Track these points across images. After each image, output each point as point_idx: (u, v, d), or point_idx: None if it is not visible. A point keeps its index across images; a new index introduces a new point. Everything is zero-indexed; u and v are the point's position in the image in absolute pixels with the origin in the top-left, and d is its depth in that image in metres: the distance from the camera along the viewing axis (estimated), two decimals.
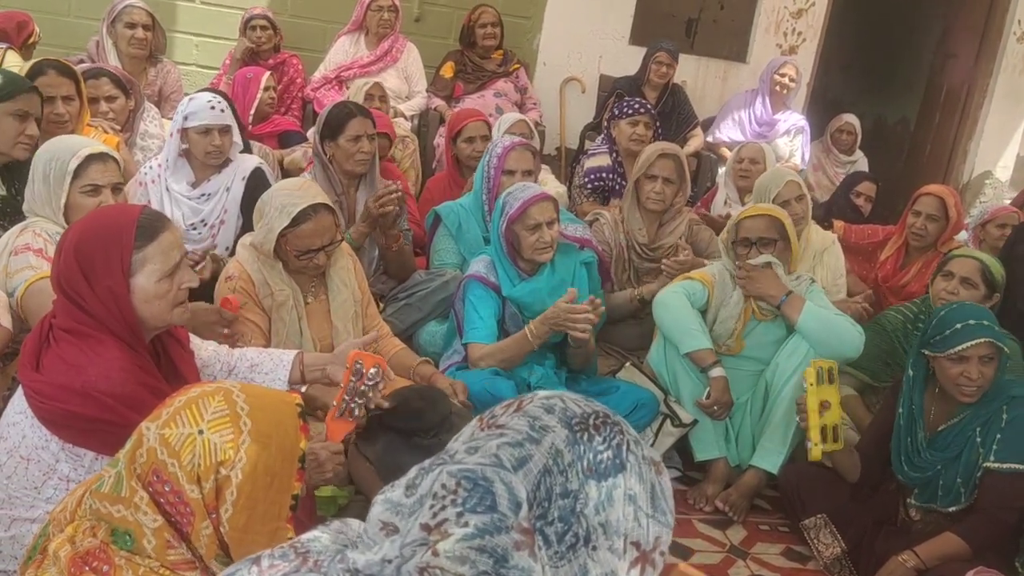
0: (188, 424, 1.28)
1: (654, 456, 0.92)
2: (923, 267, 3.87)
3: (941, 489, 2.53)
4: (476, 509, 0.81)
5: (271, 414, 1.33)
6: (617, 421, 0.92)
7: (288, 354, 2.28)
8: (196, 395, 1.31)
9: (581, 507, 0.84)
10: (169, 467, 1.26)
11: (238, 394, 1.32)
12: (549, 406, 0.91)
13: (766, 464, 2.95)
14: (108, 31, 4.44)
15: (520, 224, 2.91)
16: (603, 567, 0.83)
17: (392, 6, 5.27)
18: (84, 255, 1.78)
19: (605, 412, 0.92)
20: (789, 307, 2.95)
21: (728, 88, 6.08)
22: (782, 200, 3.55)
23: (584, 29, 5.88)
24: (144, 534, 1.26)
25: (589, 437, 0.88)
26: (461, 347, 3.02)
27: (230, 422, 1.29)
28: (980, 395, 2.48)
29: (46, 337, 1.77)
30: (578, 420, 0.90)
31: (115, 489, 1.29)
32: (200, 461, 1.27)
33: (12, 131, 2.65)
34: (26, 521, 1.73)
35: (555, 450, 0.86)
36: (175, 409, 1.30)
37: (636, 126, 4.34)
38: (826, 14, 6.14)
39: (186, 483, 1.26)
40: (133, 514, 1.26)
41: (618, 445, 0.88)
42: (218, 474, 1.27)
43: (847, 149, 5.84)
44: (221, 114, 3.15)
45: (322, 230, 2.59)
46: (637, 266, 3.73)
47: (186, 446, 1.27)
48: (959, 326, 2.44)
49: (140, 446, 1.29)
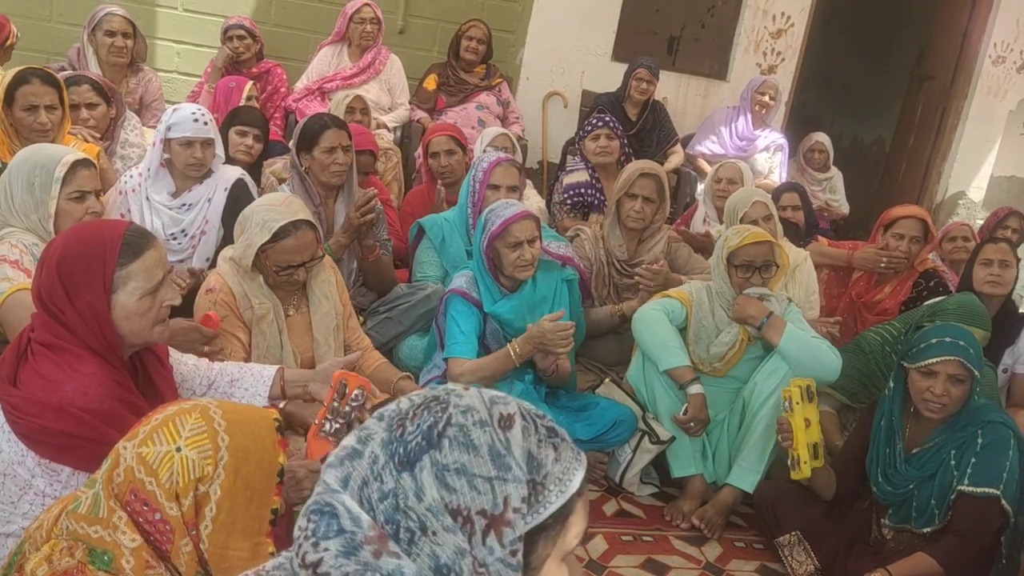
0: (165, 442, 1.28)
1: (501, 412, 0.89)
2: (899, 284, 3.91)
3: (915, 510, 2.56)
4: (327, 535, 0.84)
5: (249, 429, 1.33)
6: (444, 401, 0.90)
7: (269, 369, 2.28)
8: (173, 413, 1.31)
9: (403, 502, 0.84)
10: (147, 485, 1.26)
11: (215, 410, 1.32)
12: (382, 413, 0.91)
13: (742, 483, 2.98)
14: (89, 38, 4.41)
15: (501, 241, 2.93)
16: (449, 548, 0.82)
17: (374, 18, 5.27)
18: (66, 270, 1.77)
19: (435, 397, 0.91)
20: (770, 329, 2.97)
21: (709, 105, 6.14)
22: (750, 220, 3.60)
23: (567, 44, 5.92)
24: (123, 554, 1.25)
25: (402, 432, 0.87)
26: (441, 362, 3.02)
27: (208, 438, 1.29)
28: (945, 413, 2.51)
29: (24, 351, 1.76)
30: (399, 417, 0.89)
31: (92, 511, 1.28)
32: (178, 478, 1.26)
33: None
34: (2, 536, 1.71)
35: (373, 457, 0.87)
36: (152, 427, 1.30)
37: (597, 140, 4.43)
38: (805, 34, 6.22)
39: (165, 500, 1.26)
40: (111, 534, 1.26)
41: (431, 425, 0.87)
42: (197, 491, 1.27)
43: (820, 167, 5.92)
44: (204, 127, 3.14)
45: (302, 246, 2.59)
46: (617, 282, 3.75)
47: (164, 464, 1.26)
48: (934, 341, 2.49)
49: (117, 466, 1.29)
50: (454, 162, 4.06)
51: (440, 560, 0.82)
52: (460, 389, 0.92)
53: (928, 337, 2.51)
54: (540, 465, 0.88)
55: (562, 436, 0.92)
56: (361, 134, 3.95)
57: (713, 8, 6.06)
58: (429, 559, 0.83)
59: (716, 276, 3.14)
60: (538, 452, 0.89)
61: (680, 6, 6.01)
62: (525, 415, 0.91)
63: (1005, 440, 2.48)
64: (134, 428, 1.33)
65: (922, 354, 2.49)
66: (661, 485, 3.16)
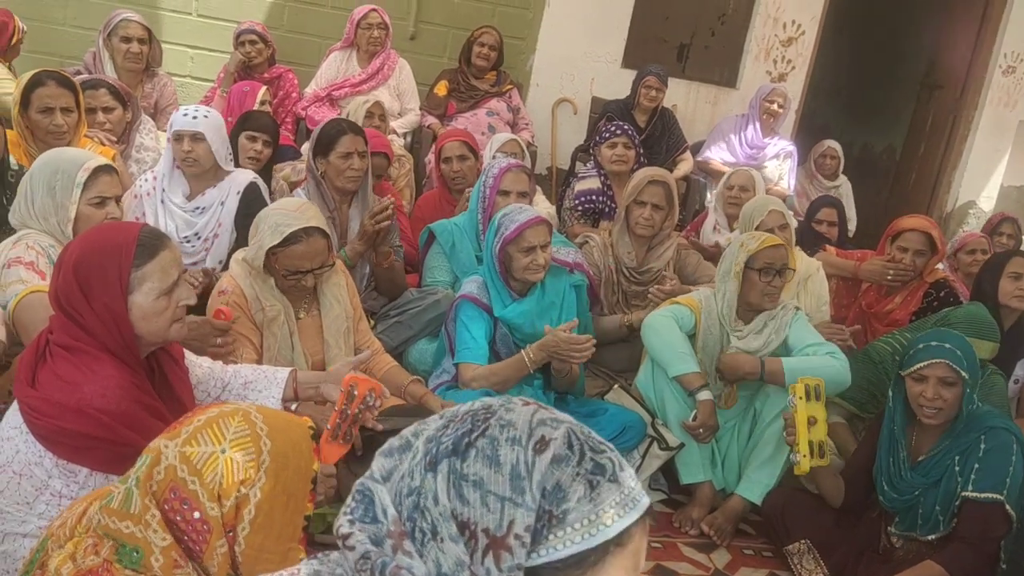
0: (211, 443, 1.29)
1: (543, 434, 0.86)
2: (909, 295, 3.90)
3: (921, 517, 2.56)
4: (364, 519, 0.87)
5: (288, 435, 1.34)
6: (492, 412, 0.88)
7: (282, 372, 2.29)
8: (215, 415, 1.33)
9: (423, 501, 0.84)
10: (189, 484, 1.27)
11: (256, 415, 1.33)
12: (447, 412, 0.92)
13: (751, 495, 2.97)
14: (104, 43, 4.44)
15: (514, 246, 2.94)
16: (451, 558, 0.82)
17: (382, 23, 5.29)
18: (83, 272, 1.79)
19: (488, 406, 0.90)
20: (770, 375, 2.96)
21: (718, 113, 6.15)
22: (766, 228, 3.59)
23: (577, 51, 5.94)
24: (152, 552, 1.26)
25: (443, 433, 0.87)
26: (451, 367, 3.03)
27: (252, 442, 1.30)
28: (942, 418, 2.52)
29: (42, 353, 1.78)
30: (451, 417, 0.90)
31: (124, 505, 1.29)
32: (222, 479, 1.28)
33: None
34: (18, 536, 1.73)
35: (415, 451, 0.88)
36: (195, 428, 1.31)
37: (615, 148, 4.42)
38: (815, 42, 6.23)
39: (207, 500, 1.27)
40: (142, 531, 1.27)
41: (465, 432, 0.86)
42: (239, 492, 1.28)
43: (830, 174, 5.92)
44: (192, 121, 3.16)
45: (312, 253, 2.60)
46: (625, 289, 3.76)
47: (208, 464, 1.28)
48: (921, 346, 2.52)
49: (158, 464, 1.30)
50: (466, 168, 4.08)
51: (442, 568, 0.82)
52: (519, 404, 0.90)
53: (917, 344, 2.55)
54: (563, 498, 0.83)
55: (612, 477, 0.86)
56: (376, 136, 3.97)
57: (724, 16, 6.07)
58: (434, 564, 0.83)
59: (723, 286, 3.10)
60: (568, 484, 0.84)
61: (690, 14, 6.02)
62: (573, 444, 0.86)
63: (1008, 445, 2.49)
64: (175, 428, 1.34)
65: (911, 360, 2.54)
66: (670, 492, 3.16)
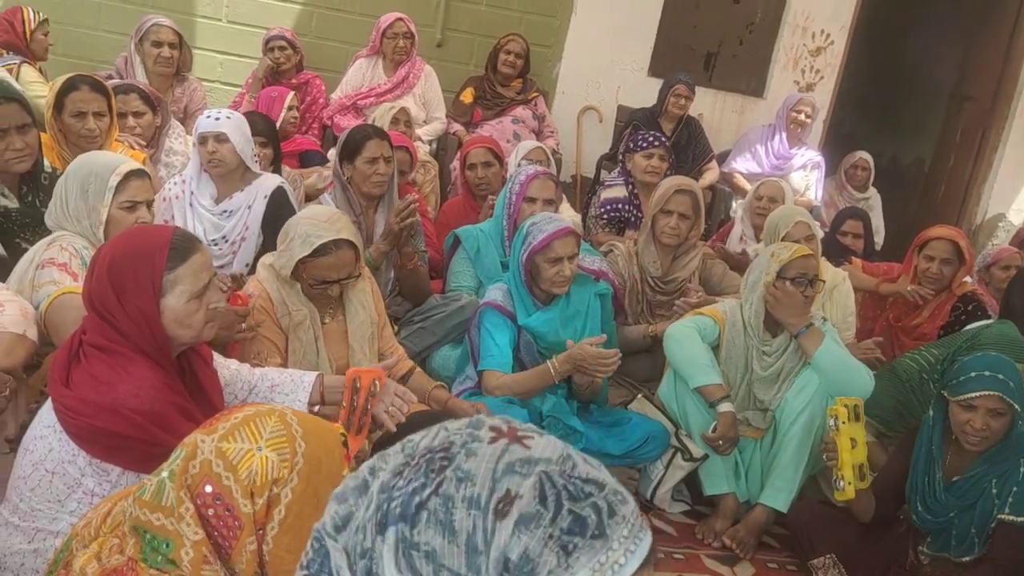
0: (247, 440, 1.30)
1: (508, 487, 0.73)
2: (937, 308, 3.86)
3: (955, 538, 2.52)
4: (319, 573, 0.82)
5: (322, 439, 1.35)
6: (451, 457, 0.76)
7: (309, 375, 2.30)
8: (252, 414, 1.34)
9: (375, 567, 0.75)
10: (224, 480, 1.28)
11: (291, 417, 1.34)
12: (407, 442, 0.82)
13: (775, 502, 2.95)
14: (136, 48, 4.50)
15: (542, 256, 2.94)
16: None
17: (407, 32, 5.31)
18: (116, 274, 1.81)
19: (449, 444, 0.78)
20: (807, 339, 2.95)
21: (745, 122, 6.13)
22: (791, 239, 3.57)
23: (604, 59, 5.94)
24: (183, 545, 1.27)
25: (395, 482, 0.78)
26: (474, 373, 3.03)
27: (287, 442, 1.31)
28: (985, 446, 2.48)
29: (76, 353, 1.80)
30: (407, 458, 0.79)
31: (156, 497, 1.30)
32: (257, 477, 1.29)
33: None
34: (49, 534, 1.75)
35: (370, 499, 0.79)
36: (233, 425, 1.32)
37: (651, 158, 4.38)
38: (844, 52, 6.19)
39: (240, 497, 1.28)
40: (174, 524, 1.28)
41: (416, 490, 0.75)
42: (271, 491, 1.29)
43: (861, 186, 5.87)
44: (216, 122, 3.20)
45: (340, 265, 2.62)
46: (650, 299, 3.75)
47: (244, 461, 1.29)
48: (973, 374, 2.45)
49: (194, 457, 1.31)
50: (491, 174, 4.09)
51: None
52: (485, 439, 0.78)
53: (968, 370, 2.48)
54: (531, 571, 0.70)
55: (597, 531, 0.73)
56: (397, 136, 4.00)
57: (752, 25, 6.05)
58: None
59: (751, 296, 3.06)
60: (537, 552, 0.71)
61: (718, 23, 6.01)
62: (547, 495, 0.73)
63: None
64: (212, 424, 1.35)
65: (962, 387, 2.46)
66: (693, 503, 3.14)
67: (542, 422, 2.95)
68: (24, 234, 2.70)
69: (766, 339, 3.06)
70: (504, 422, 0.82)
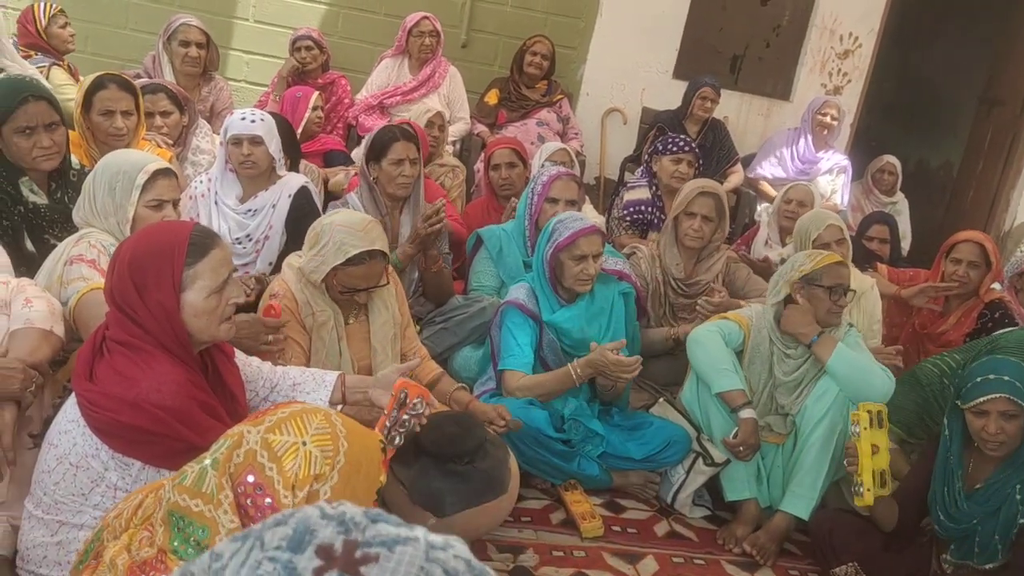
0: (293, 433, 1.32)
1: None
2: (963, 315, 3.81)
3: (978, 545, 2.49)
4: None
5: (364, 443, 1.36)
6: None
7: (331, 375, 2.31)
8: (299, 410, 1.36)
9: None
10: (267, 471, 1.30)
11: (336, 417, 1.36)
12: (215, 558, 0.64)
13: (796, 510, 2.92)
14: (164, 47, 4.54)
15: (567, 253, 2.94)
16: None
17: (433, 31, 5.33)
18: (137, 270, 1.83)
19: None
20: (820, 347, 2.92)
21: (771, 125, 6.09)
22: (822, 243, 3.54)
23: (628, 61, 5.93)
24: (219, 532, 1.29)
25: None
26: (495, 374, 3.03)
27: (331, 440, 1.33)
28: (1006, 450, 2.45)
29: (99, 348, 1.82)
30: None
31: (197, 484, 1.32)
32: (300, 470, 1.30)
33: (23, 148, 2.63)
34: (73, 527, 1.76)
35: None
36: (279, 418, 1.34)
37: (679, 163, 4.34)
38: (872, 56, 6.13)
39: (281, 488, 1.29)
40: (212, 511, 1.29)
41: None
42: (311, 487, 1.30)
43: (888, 190, 5.81)
44: (251, 124, 3.21)
45: (372, 275, 2.65)
46: (672, 301, 3.73)
47: (289, 453, 1.30)
48: (979, 379, 2.44)
49: (239, 447, 1.32)
50: (515, 175, 4.09)
51: None
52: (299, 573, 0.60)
53: (974, 375, 2.47)
54: None
55: None
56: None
57: (779, 27, 6.01)
58: None
59: (772, 305, 3.05)
60: None
61: (745, 25, 5.97)
62: None
63: None
64: (258, 416, 1.37)
65: (970, 394, 2.45)
66: (714, 508, 3.12)
67: (563, 424, 2.95)
68: (52, 230, 2.73)
69: (789, 343, 3.03)
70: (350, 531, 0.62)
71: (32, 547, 1.80)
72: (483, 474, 2.17)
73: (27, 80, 2.81)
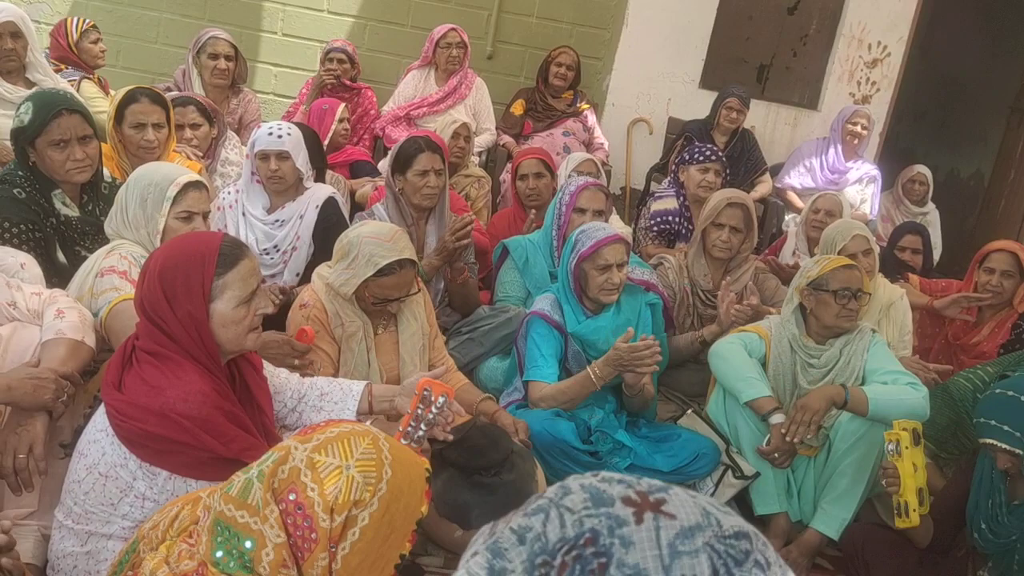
0: (339, 456, 1.31)
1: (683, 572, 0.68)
2: (996, 326, 3.75)
3: (1016, 563, 2.43)
4: None
5: (408, 471, 1.35)
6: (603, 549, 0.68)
7: (358, 385, 2.31)
8: (348, 431, 1.35)
9: None
10: (308, 491, 1.29)
11: (384, 442, 1.35)
12: (523, 531, 0.73)
13: (827, 529, 2.85)
14: (193, 61, 4.60)
15: (590, 263, 2.92)
16: None
17: (460, 43, 5.35)
18: (167, 280, 1.84)
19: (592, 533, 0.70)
20: (854, 405, 2.82)
21: (798, 135, 6.04)
22: (848, 253, 3.49)
23: (654, 71, 5.91)
24: (266, 545, 1.28)
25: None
26: (522, 385, 3.02)
27: (375, 467, 1.32)
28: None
29: (129, 358, 1.83)
30: (544, 558, 0.69)
31: (243, 495, 1.31)
32: (340, 495, 1.29)
33: (58, 161, 2.66)
34: (102, 537, 1.77)
35: None
36: (327, 438, 1.33)
37: (706, 173, 4.32)
38: (901, 64, 6.06)
39: (320, 511, 1.28)
40: (258, 524, 1.29)
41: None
42: (350, 512, 1.30)
43: (919, 200, 5.73)
44: (278, 140, 3.22)
45: (403, 284, 2.65)
46: (700, 312, 3.70)
47: (331, 476, 1.29)
48: (982, 419, 2.37)
49: (285, 463, 1.32)
50: (542, 185, 4.08)
51: None
52: (628, 520, 0.70)
53: (978, 413, 2.39)
54: None
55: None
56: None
57: (806, 36, 5.97)
58: None
59: (787, 308, 3.02)
60: None
61: (772, 34, 5.94)
62: (718, 571, 0.69)
63: None
64: (307, 433, 1.36)
65: (978, 429, 2.38)
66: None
67: (590, 436, 2.92)
68: (84, 242, 2.76)
69: (811, 349, 2.99)
70: (625, 485, 0.74)
71: (62, 557, 1.81)
72: (510, 486, 2.15)
73: (61, 93, 2.85)
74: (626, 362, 2.77)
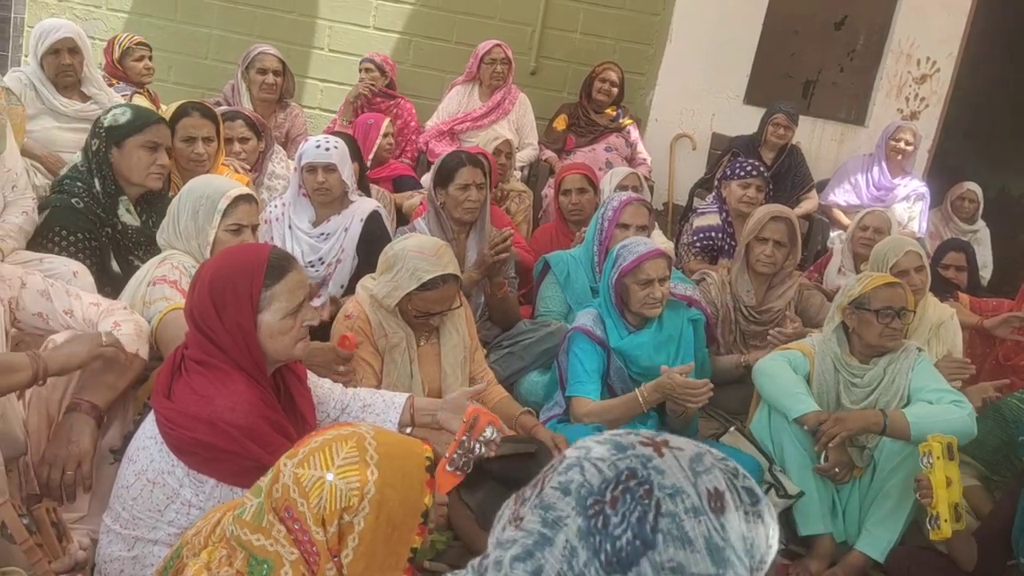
0: (319, 467, 1.32)
1: (708, 488, 0.82)
2: None
3: None
4: None
5: (400, 465, 1.35)
6: (645, 480, 0.81)
7: (400, 397, 2.33)
8: (331, 438, 1.35)
9: None
10: (299, 506, 1.30)
11: (370, 441, 1.34)
12: (565, 484, 0.83)
13: (873, 551, 2.80)
14: (242, 76, 4.68)
15: (632, 277, 2.92)
16: None
17: (505, 59, 5.38)
18: (217, 291, 1.88)
19: (630, 470, 0.82)
20: (894, 429, 2.77)
21: (844, 151, 5.96)
22: (899, 270, 3.43)
23: (698, 87, 5.89)
24: (283, 565, 1.30)
25: (604, 522, 0.79)
26: (562, 400, 3.01)
27: (358, 470, 1.31)
28: None
29: (178, 367, 1.87)
30: (594, 498, 0.80)
31: (256, 518, 1.33)
32: (326, 505, 1.30)
33: (144, 162, 2.81)
34: (148, 542, 1.80)
35: (570, 549, 0.79)
36: (310, 450, 1.34)
37: (747, 188, 4.29)
38: (951, 80, 5.97)
39: (312, 524, 1.29)
40: (273, 545, 1.30)
41: (640, 518, 0.78)
42: (341, 519, 1.30)
43: (968, 218, 5.62)
44: (325, 152, 3.28)
45: (445, 298, 2.67)
46: (743, 328, 3.67)
47: (315, 489, 1.30)
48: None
49: (277, 481, 1.33)
50: (585, 200, 4.09)
51: None
52: (652, 454, 0.84)
53: None
54: (754, 547, 0.82)
55: (760, 495, 0.86)
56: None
57: (853, 52, 5.90)
58: None
59: (828, 326, 2.97)
60: (750, 532, 0.82)
61: (818, 49, 5.88)
62: (730, 483, 0.84)
63: None
64: (297, 446, 1.37)
65: None
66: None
67: None
68: (137, 252, 2.84)
69: (854, 368, 2.94)
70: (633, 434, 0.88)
71: (109, 561, 1.84)
72: None
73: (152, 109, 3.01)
74: (677, 394, 2.77)
